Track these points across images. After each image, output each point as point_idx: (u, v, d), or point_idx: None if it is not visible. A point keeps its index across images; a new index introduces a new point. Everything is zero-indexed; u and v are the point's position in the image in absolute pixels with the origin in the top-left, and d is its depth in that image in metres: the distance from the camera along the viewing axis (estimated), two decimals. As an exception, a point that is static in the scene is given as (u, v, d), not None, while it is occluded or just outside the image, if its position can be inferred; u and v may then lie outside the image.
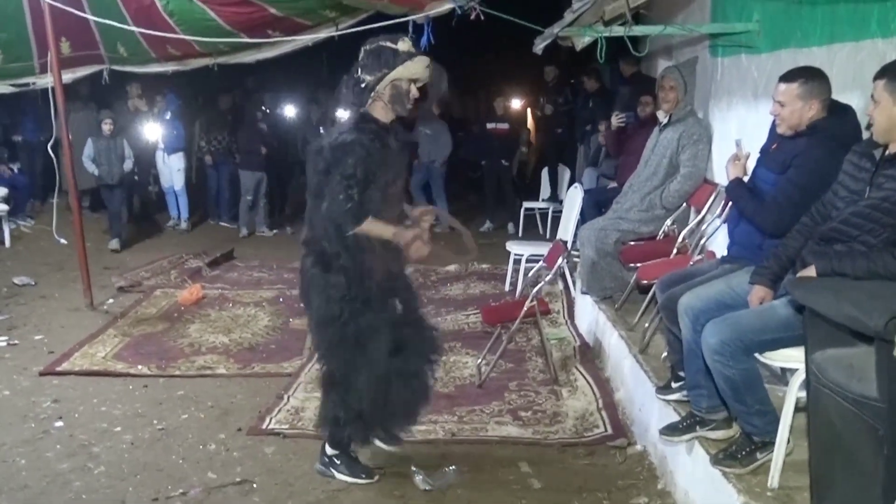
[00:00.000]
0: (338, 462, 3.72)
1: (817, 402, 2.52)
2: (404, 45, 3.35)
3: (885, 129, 2.66)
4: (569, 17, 4.23)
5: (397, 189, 3.51)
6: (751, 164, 3.68)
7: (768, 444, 2.92)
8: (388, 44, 3.33)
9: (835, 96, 3.35)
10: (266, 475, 3.78)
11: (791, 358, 2.84)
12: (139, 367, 5.27)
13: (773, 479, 2.83)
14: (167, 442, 4.16)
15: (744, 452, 2.98)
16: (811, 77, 3.25)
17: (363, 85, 3.34)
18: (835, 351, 2.45)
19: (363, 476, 3.71)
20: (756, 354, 2.90)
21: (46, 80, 6.93)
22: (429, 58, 3.41)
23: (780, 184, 3.31)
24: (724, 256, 3.67)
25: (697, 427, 3.31)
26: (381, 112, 3.39)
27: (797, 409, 2.82)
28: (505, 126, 10.59)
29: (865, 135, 2.96)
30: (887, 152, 2.68)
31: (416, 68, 3.35)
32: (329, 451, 3.73)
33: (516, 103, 15.64)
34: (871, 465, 2.24)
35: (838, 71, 3.57)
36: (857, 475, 2.32)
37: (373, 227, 3.29)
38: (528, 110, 13.93)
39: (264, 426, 4.32)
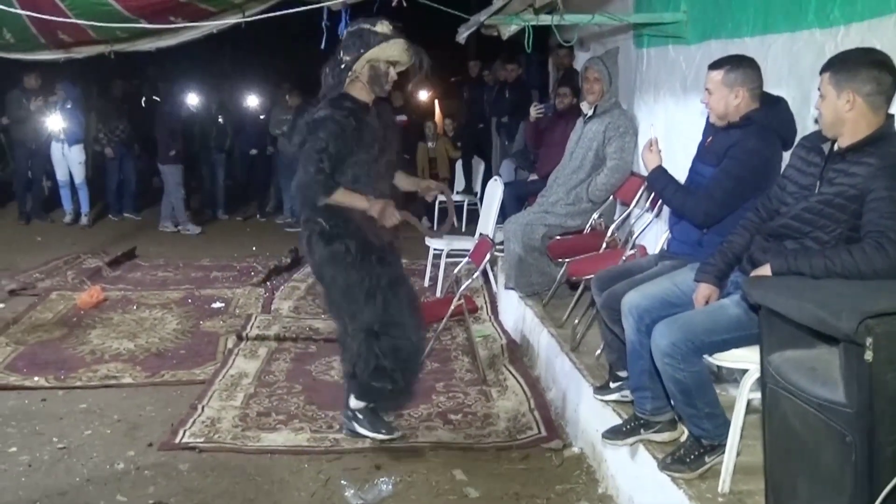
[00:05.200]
0: (360, 416, 3.84)
1: (775, 405, 2.43)
2: (383, 27, 3.49)
3: (831, 123, 2.59)
4: (498, 3, 4.07)
5: (384, 164, 3.68)
6: (664, 151, 3.56)
7: (717, 448, 2.83)
8: (368, 25, 3.49)
9: (770, 89, 3.30)
10: (182, 495, 3.48)
11: (742, 358, 2.74)
12: (36, 378, 4.83)
13: (725, 483, 2.74)
14: (70, 462, 3.78)
15: (692, 456, 2.88)
16: (738, 65, 3.19)
17: (342, 66, 3.50)
18: (794, 353, 2.36)
19: (383, 432, 3.83)
20: (705, 356, 2.79)
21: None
22: (406, 41, 3.53)
23: (714, 175, 3.24)
24: (663, 252, 3.57)
25: (642, 430, 3.20)
26: (360, 91, 3.55)
27: (746, 411, 2.74)
28: (403, 118, 10.32)
29: (815, 128, 2.89)
30: (836, 146, 2.61)
31: (393, 50, 3.50)
32: (353, 403, 3.84)
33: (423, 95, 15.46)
34: (837, 472, 2.15)
35: (773, 63, 3.52)
36: (822, 482, 2.23)
37: (344, 197, 3.48)
38: (436, 102, 13.72)
39: (177, 440, 3.99)
